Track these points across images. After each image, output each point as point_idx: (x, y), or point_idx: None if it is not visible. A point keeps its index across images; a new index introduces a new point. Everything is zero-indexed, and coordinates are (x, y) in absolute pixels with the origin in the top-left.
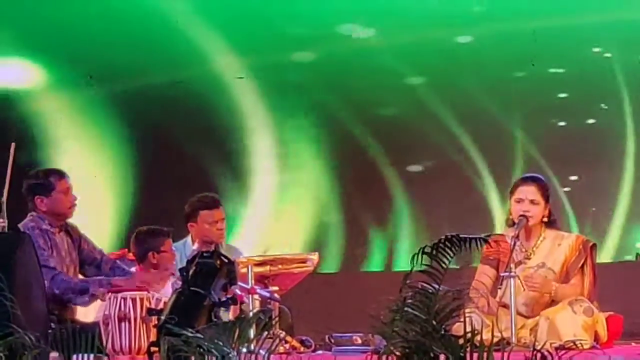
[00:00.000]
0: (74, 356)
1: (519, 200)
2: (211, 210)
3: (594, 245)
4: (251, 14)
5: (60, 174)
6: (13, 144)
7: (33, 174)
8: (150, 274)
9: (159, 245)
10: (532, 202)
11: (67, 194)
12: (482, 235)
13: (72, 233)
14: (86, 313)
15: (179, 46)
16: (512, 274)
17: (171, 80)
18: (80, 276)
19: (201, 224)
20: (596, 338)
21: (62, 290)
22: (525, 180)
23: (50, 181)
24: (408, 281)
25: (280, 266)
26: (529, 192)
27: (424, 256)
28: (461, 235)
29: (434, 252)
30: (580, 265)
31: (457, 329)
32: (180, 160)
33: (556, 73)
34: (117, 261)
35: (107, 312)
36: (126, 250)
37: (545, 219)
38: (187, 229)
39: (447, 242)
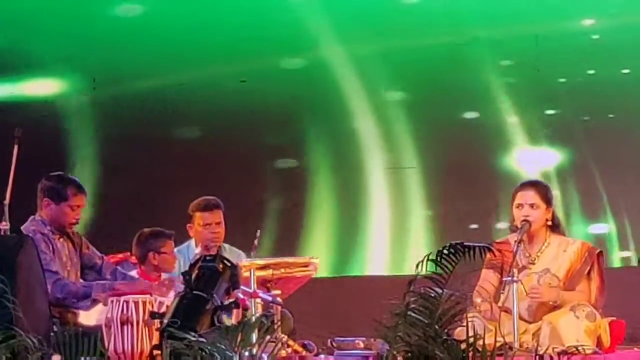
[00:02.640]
0: (77, 359)
1: (519, 206)
2: (205, 212)
3: (601, 252)
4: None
5: (79, 189)
6: (16, 146)
7: (54, 177)
8: (153, 283)
9: (160, 246)
10: (531, 206)
11: (75, 210)
12: (486, 243)
13: (73, 238)
14: (88, 316)
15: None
16: (515, 278)
17: (174, 82)
18: (81, 281)
19: (196, 225)
20: (598, 343)
21: (64, 294)
22: (523, 186)
23: (66, 191)
24: (412, 287)
25: (282, 270)
26: (528, 196)
27: (429, 262)
28: (465, 243)
29: (438, 258)
30: (586, 272)
31: (460, 333)
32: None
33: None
34: (118, 266)
35: (109, 315)
36: (129, 253)
37: (549, 223)
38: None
39: (451, 249)
